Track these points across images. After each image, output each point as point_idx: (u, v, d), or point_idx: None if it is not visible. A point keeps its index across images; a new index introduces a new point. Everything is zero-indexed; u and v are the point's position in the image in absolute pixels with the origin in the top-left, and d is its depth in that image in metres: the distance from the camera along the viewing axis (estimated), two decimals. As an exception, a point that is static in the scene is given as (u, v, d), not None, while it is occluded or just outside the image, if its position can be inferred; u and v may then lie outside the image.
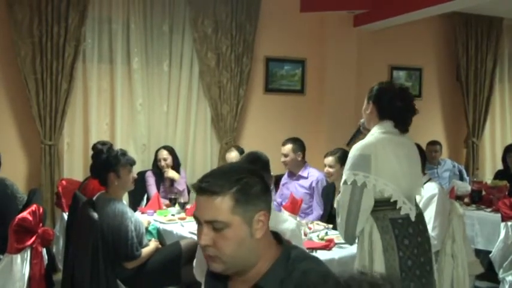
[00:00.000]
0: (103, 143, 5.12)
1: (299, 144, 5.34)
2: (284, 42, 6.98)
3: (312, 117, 7.13)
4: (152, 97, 6.39)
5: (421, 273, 2.81)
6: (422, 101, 7.56)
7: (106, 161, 3.92)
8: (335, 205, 3.08)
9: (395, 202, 2.82)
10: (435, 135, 7.34)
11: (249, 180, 1.61)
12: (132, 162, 4.02)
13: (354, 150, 2.86)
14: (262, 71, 6.94)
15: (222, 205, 1.57)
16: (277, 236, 1.71)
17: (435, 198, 3.72)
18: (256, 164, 3.51)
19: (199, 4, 6.41)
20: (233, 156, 5.63)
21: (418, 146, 3.46)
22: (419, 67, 7.92)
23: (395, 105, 2.90)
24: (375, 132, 2.91)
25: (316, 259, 1.70)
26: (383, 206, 2.83)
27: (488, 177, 6.79)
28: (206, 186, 1.58)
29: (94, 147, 5.09)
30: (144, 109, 6.34)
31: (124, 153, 4.03)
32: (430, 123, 7.85)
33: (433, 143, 6.91)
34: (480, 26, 7.95)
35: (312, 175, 5.23)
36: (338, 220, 2.91)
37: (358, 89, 7.15)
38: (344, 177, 2.85)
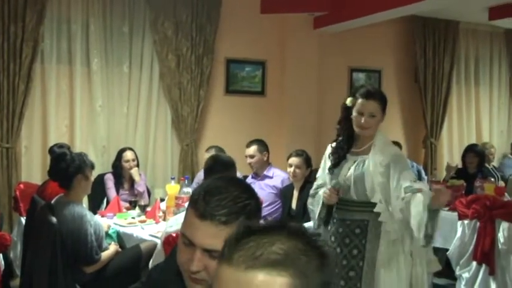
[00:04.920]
0: (60, 146, 5.04)
1: (264, 145, 5.37)
2: (244, 44, 6.97)
3: (273, 118, 7.14)
4: (112, 99, 6.32)
5: None
6: (381, 102, 7.63)
7: (75, 163, 3.85)
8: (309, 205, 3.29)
9: None
10: (394, 135, 7.42)
11: (252, 207, 1.52)
12: (93, 165, 4.01)
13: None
14: (223, 72, 6.92)
15: (227, 236, 1.49)
16: None
17: None
18: (222, 166, 3.53)
19: (159, 5, 6.36)
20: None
21: None
22: (378, 69, 8.01)
23: None
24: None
25: None
26: None
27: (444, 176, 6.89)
28: (212, 214, 1.46)
29: (51, 151, 5.00)
30: (103, 111, 6.25)
31: (86, 155, 4.03)
32: (389, 124, 7.92)
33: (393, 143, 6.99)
34: (437, 29, 8.08)
35: (278, 175, 5.26)
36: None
37: (318, 91, 7.22)
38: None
